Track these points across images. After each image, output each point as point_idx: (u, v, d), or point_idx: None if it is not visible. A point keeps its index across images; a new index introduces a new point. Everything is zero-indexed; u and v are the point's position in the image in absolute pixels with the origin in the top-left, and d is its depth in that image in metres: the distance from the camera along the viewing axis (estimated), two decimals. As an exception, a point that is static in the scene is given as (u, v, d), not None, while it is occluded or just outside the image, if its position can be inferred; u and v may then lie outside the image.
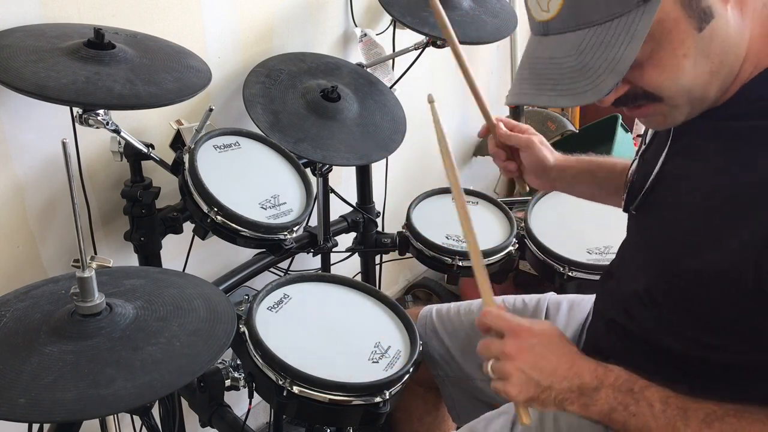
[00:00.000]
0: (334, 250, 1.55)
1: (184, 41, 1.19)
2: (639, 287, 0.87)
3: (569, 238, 1.44)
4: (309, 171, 1.33)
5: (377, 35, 1.69)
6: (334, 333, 1.10)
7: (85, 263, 0.77)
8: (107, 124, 1.03)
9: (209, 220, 1.11)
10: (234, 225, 1.12)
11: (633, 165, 0.93)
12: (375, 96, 1.44)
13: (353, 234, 1.70)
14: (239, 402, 1.64)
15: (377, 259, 1.81)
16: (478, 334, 1.22)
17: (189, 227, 1.24)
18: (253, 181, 1.23)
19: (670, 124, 0.78)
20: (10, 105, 1.06)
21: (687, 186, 0.80)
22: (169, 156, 1.19)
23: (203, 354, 0.76)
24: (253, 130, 1.27)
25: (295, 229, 1.21)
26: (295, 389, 0.96)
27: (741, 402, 0.73)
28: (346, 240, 1.69)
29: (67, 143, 0.74)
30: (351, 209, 1.67)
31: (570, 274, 1.37)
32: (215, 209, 1.10)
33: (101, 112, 1.02)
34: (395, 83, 1.67)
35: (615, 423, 0.77)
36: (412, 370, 1.04)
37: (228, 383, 1.14)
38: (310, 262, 1.72)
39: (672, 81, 0.71)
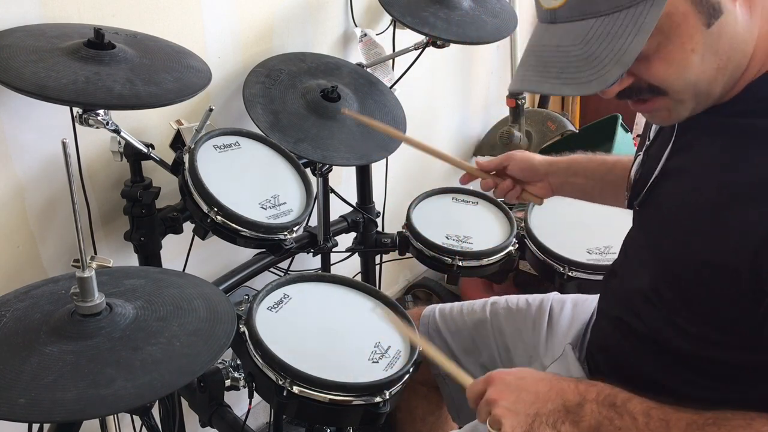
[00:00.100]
0: (334, 250, 1.55)
1: (184, 41, 1.19)
2: (643, 284, 0.86)
3: (569, 238, 1.43)
4: (309, 171, 1.33)
5: (377, 35, 1.69)
6: (334, 333, 1.10)
7: (85, 263, 0.77)
8: (107, 124, 1.03)
9: (209, 220, 1.11)
10: (234, 225, 1.12)
11: (637, 161, 0.92)
12: (375, 96, 1.44)
13: (353, 234, 1.70)
14: (239, 402, 1.64)
15: (377, 259, 1.81)
16: (480, 333, 1.23)
17: (189, 227, 1.24)
18: (253, 181, 1.22)
19: (674, 119, 0.78)
20: (10, 105, 1.06)
21: (691, 182, 0.80)
22: (169, 156, 1.19)
23: (203, 354, 0.76)
24: (253, 130, 1.27)
25: (295, 229, 1.21)
26: (295, 389, 0.96)
27: (747, 402, 0.73)
28: (346, 240, 1.69)
29: (67, 143, 0.74)
30: (351, 209, 1.67)
31: (570, 274, 1.37)
32: (215, 209, 1.10)
33: (101, 112, 1.02)
34: (395, 83, 1.67)
35: None
36: (412, 370, 1.04)
37: (228, 383, 1.14)
38: (310, 262, 1.72)
39: (678, 76, 0.71)
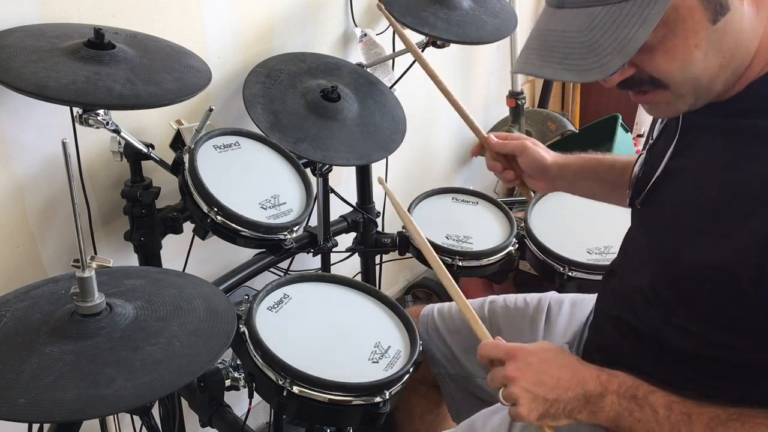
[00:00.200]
0: (334, 250, 1.55)
1: (184, 41, 1.19)
2: (643, 283, 0.86)
3: (569, 238, 1.44)
4: (309, 171, 1.33)
5: (377, 35, 1.69)
6: (334, 333, 1.10)
7: (85, 263, 0.77)
8: (107, 124, 1.03)
9: (209, 220, 1.11)
10: (234, 225, 1.12)
11: (639, 159, 0.92)
12: (375, 96, 1.44)
13: (353, 234, 1.69)
14: (239, 402, 1.64)
15: (377, 259, 1.81)
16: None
17: (189, 227, 1.24)
18: (253, 181, 1.22)
19: (672, 112, 0.78)
20: (10, 105, 1.05)
21: (694, 181, 0.79)
22: (169, 156, 1.19)
23: (203, 354, 0.76)
24: (253, 130, 1.27)
25: (295, 229, 1.21)
26: (295, 389, 0.96)
27: (748, 400, 0.73)
28: (346, 240, 1.69)
29: (67, 143, 0.74)
30: (351, 209, 1.67)
31: (570, 274, 1.37)
32: (215, 209, 1.10)
33: (101, 112, 1.02)
34: (395, 83, 1.67)
35: (622, 429, 0.77)
36: (412, 370, 1.04)
37: (228, 383, 1.14)
38: (310, 262, 1.72)
39: (680, 70, 0.71)
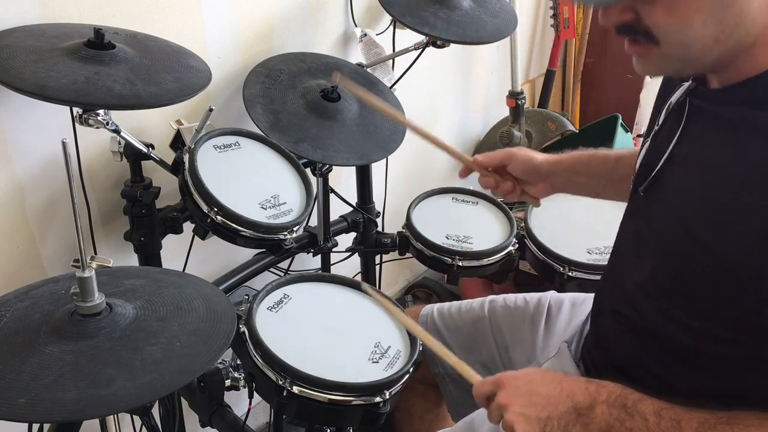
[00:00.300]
0: (334, 250, 1.55)
1: (184, 41, 1.19)
2: (644, 276, 0.85)
3: (569, 238, 1.44)
4: (309, 171, 1.33)
5: (377, 35, 1.69)
6: (334, 333, 1.10)
7: (85, 263, 0.77)
8: (107, 124, 1.03)
9: (209, 220, 1.11)
10: (234, 225, 1.12)
11: (644, 146, 0.90)
12: (375, 96, 1.44)
13: (353, 234, 1.69)
14: (239, 402, 1.64)
15: (377, 259, 1.81)
16: (479, 331, 1.23)
17: (189, 227, 1.24)
18: (253, 181, 1.22)
19: (656, 72, 0.78)
20: (10, 105, 1.06)
21: (696, 171, 0.78)
22: (169, 156, 1.19)
23: (203, 354, 0.76)
24: (253, 130, 1.27)
25: (295, 229, 1.21)
26: (295, 389, 0.96)
27: (749, 398, 0.73)
28: (346, 240, 1.69)
29: (67, 143, 0.74)
30: (351, 209, 1.67)
31: (570, 274, 1.37)
32: (215, 209, 1.10)
33: (101, 112, 1.02)
34: (395, 83, 1.67)
35: None
36: (412, 370, 1.04)
37: (228, 383, 1.14)
38: (310, 262, 1.72)
39: (675, 29, 0.70)
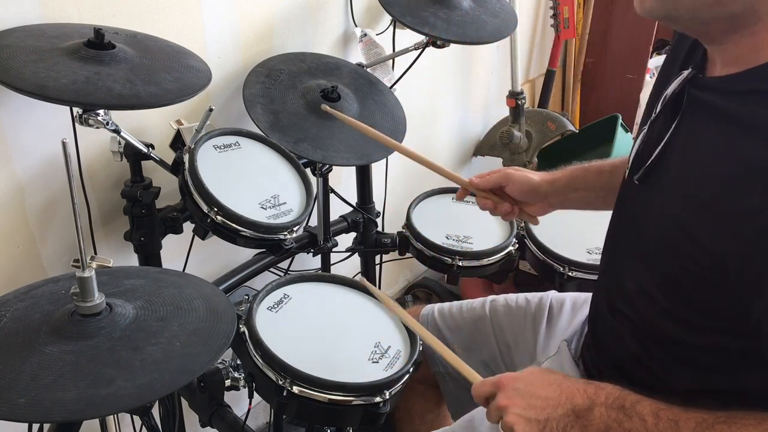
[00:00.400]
0: (334, 250, 1.56)
1: (184, 41, 1.19)
2: (637, 269, 0.85)
3: (569, 238, 1.43)
4: (309, 171, 1.34)
5: (377, 35, 1.69)
6: (334, 333, 1.10)
7: (85, 263, 0.77)
8: (107, 124, 1.03)
9: (209, 220, 1.11)
10: (234, 225, 1.12)
11: (641, 134, 0.90)
12: (375, 96, 1.44)
13: (353, 234, 1.70)
14: (239, 402, 1.64)
15: (377, 259, 1.81)
16: (480, 330, 1.23)
17: (189, 227, 1.24)
18: (253, 181, 1.23)
19: (647, 10, 0.75)
20: (10, 105, 1.06)
21: (691, 163, 0.77)
22: (169, 156, 1.19)
23: (203, 354, 0.76)
24: (253, 130, 1.27)
25: (295, 229, 1.21)
26: (295, 389, 0.96)
27: (748, 395, 0.73)
28: (346, 240, 1.69)
29: (67, 143, 0.74)
30: (351, 209, 1.67)
31: (570, 274, 1.37)
32: (215, 209, 1.10)
33: (101, 112, 1.02)
34: (395, 83, 1.67)
35: None
36: (412, 370, 1.04)
37: (228, 383, 1.14)
38: (310, 262, 1.72)
39: None
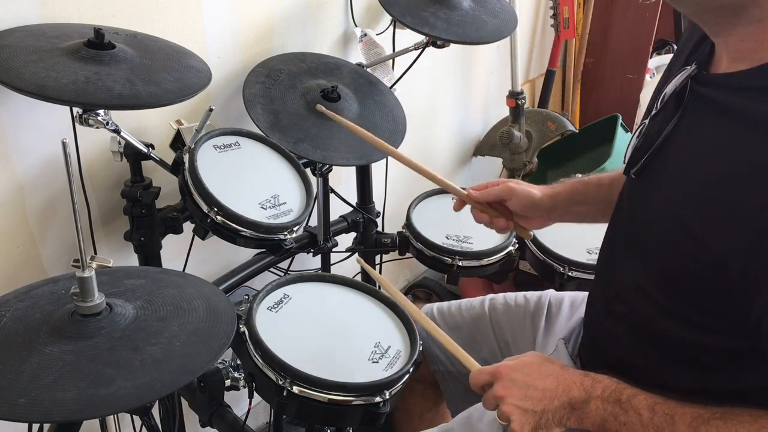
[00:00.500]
0: (334, 250, 1.56)
1: (184, 41, 1.19)
2: (633, 262, 0.85)
3: (569, 238, 1.43)
4: (309, 171, 1.34)
5: (377, 35, 1.69)
6: (334, 333, 1.10)
7: (85, 263, 0.77)
8: (107, 124, 1.03)
9: (209, 220, 1.11)
10: (234, 225, 1.12)
11: (639, 128, 0.89)
12: (375, 96, 1.44)
13: (353, 234, 1.70)
14: (239, 402, 1.64)
15: (377, 259, 1.81)
16: (479, 329, 1.23)
17: (189, 227, 1.24)
18: (253, 181, 1.23)
19: None
20: (10, 105, 1.06)
21: (691, 157, 0.77)
22: (169, 156, 1.19)
23: (203, 354, 0.76)
24: (253, 130, 1.27)
25: (295, 229, 1.21)
26: (295, 389, 0.96)
27: (747, 393, 0.73)
28: (346, 240, 1.69)
29: (67, 143, 0.74)
30: (351, 209, 1.67)
31: (570, 274, 1.37)
32: (215, 209, 1.10)
33: (101, 112, 1.02)
34: (395, 83, 1.67)
35: None
36: (412, 370, 1.04)
37: (228, 383, 1.14)
38: (310, 262, 1.72)
39: None
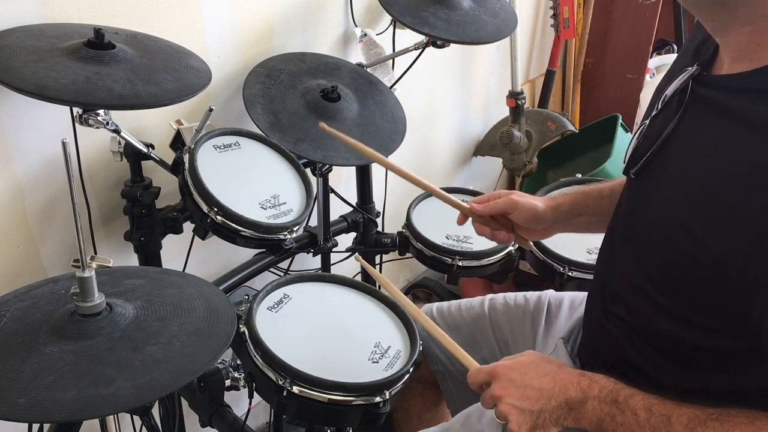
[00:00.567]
0: (334, 250, 1.56)
1: (184, 41, 1.19)
2: (631, 262, 0.85)
3: (569, 238, 1.43)
4: (309, 171, 1.34)
5: (377, 35, 1.69)
6: (334, 333, 1.10)
7: (85, 263, 0.77)
8: (107, 124, 1.03)
9: (209, 220, 1.11)
10: (234, 225, 1.12)
11: (639, 129, 0.89)
12: (375, 96, 1.44)
13: (353, 234, 1.70)
14: (239, 402, 1.64)
15: (377, 259, 1.81)
16: (479, 328, 1.23)
17: (189, 227, 1.24)
18: (253, 181, 1.23)
19: None
20: (10, 105, 1.05)
21: (691, 157, 0.77)
22: (169, 156, 1.19)
23: (203, 354, 0.76)
24: (253, 130, 1.27)
25: (295, 229, 1.21)
26: (295, 389, 0.96)
27: (745, 393, 0.73)
28: (346, 240, 1.69)
29: (67, 143, 0.74)
30: (351, 209, 1.67)
31: (570, 274, 1.37)
32: (215, 209, 1.10)
33: (101, 112, 1.02)
34: (395, 83, 1.67)
35: None
36: (412, 370, 1.04)
37: (228, 383, 1.14)
38: (310, 262, 1.72)
39: None
